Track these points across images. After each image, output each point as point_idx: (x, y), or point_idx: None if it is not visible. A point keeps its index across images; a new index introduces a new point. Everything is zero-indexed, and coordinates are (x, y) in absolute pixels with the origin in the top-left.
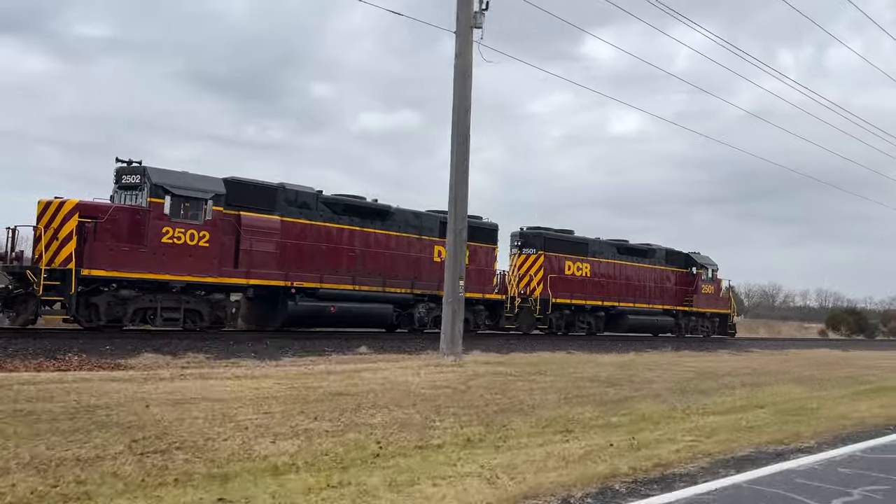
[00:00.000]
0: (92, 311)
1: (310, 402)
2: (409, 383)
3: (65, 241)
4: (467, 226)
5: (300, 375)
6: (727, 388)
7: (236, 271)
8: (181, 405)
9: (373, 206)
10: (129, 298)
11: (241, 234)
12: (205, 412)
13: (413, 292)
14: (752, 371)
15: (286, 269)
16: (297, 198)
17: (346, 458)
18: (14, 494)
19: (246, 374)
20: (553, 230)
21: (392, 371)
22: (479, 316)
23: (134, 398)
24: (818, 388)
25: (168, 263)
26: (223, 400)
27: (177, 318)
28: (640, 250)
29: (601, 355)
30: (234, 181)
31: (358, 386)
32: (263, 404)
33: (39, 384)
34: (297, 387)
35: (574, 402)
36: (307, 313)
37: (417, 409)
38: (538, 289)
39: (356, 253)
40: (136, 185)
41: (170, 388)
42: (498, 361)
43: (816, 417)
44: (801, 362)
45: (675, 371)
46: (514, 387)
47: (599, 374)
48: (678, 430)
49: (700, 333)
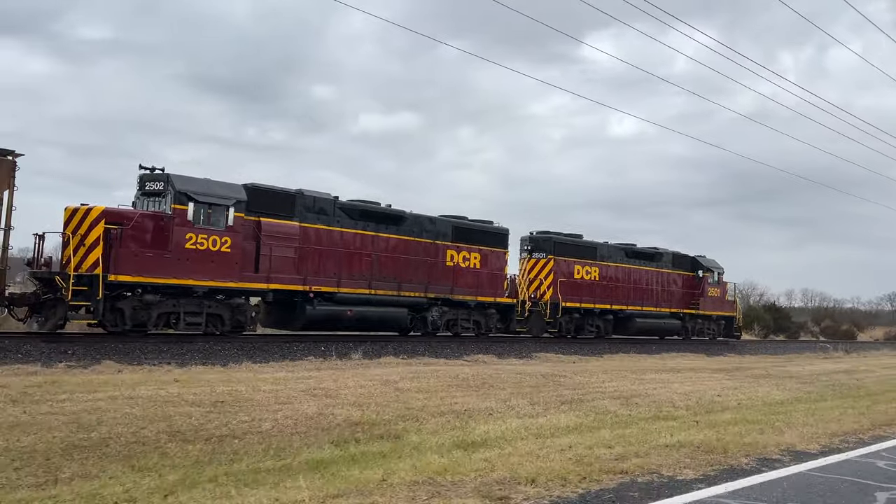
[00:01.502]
0: (117, 316)
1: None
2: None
3: (92, 247)
4: (479, 230)
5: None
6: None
7: (257, 276)
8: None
9: (388, 212)
10: (153, 303)
11: (262, 240)
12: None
13: (427, 296)
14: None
15: (304, 274)
16: (315, 204)
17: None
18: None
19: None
20: (562, 234)
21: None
22: (491, 319)
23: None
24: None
25: (191, 269)
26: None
27: (199, 323)
28: (647, 254)
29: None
30: (255, 188)
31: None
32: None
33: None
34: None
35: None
36: (325, 317)
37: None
38: (548, 292)
39: (372, 257)
40: (160, 191)
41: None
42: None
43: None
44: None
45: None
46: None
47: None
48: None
49: (706, 336)
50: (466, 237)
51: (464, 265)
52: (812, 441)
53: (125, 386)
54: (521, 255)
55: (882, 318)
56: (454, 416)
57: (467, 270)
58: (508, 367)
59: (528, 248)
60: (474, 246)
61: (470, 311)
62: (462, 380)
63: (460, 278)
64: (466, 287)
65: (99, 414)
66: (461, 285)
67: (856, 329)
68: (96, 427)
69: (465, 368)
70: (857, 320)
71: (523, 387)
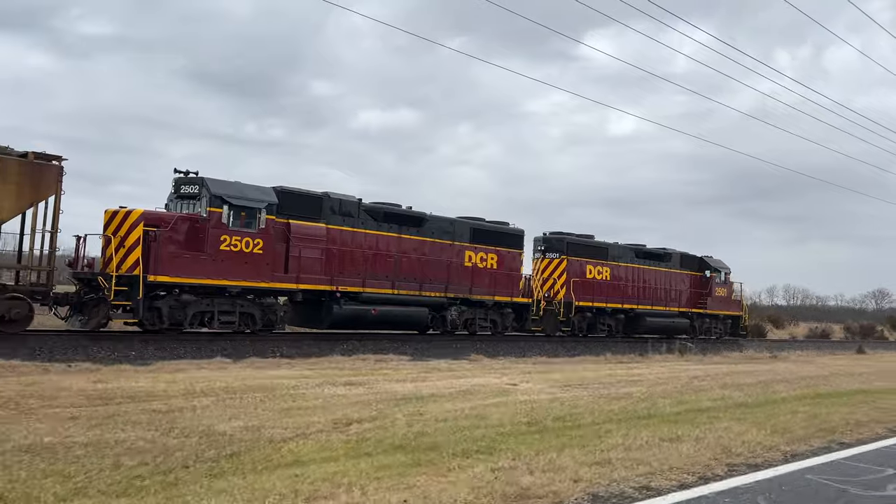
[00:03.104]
0: (154, 315)
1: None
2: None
3: (131, 249)
4: (496, 231)
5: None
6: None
7: (286, 276)
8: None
9: (409, 214)
10: (189, 303)
11: (291, 242)
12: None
13: (447, 295)
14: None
15: (331, 274)
16: (341, 206)
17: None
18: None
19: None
20: (574, 235)
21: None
22: (507, 318)
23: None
24: None
25: (226, 269)
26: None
27: (232, 322)
28: (656, 254)
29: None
30: (284, 190)
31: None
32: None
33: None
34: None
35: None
36: (351, 316)
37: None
38: (561, 291)
39: (394, 258)
40: (195, 195)
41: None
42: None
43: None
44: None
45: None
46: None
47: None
48: None
49: (713, 335)
50: (483, 238)
51: (481, 265)
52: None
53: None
54: (534, 256)
55: (866, 315)
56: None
57: (484, 271)
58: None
59: (542, 249)
60: (491, 247)
61: (487, 310)
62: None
63: (478, 278)
64: (484, 287)
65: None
66: (479, 285)
67: (771, 326)
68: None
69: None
70: (776, 316)
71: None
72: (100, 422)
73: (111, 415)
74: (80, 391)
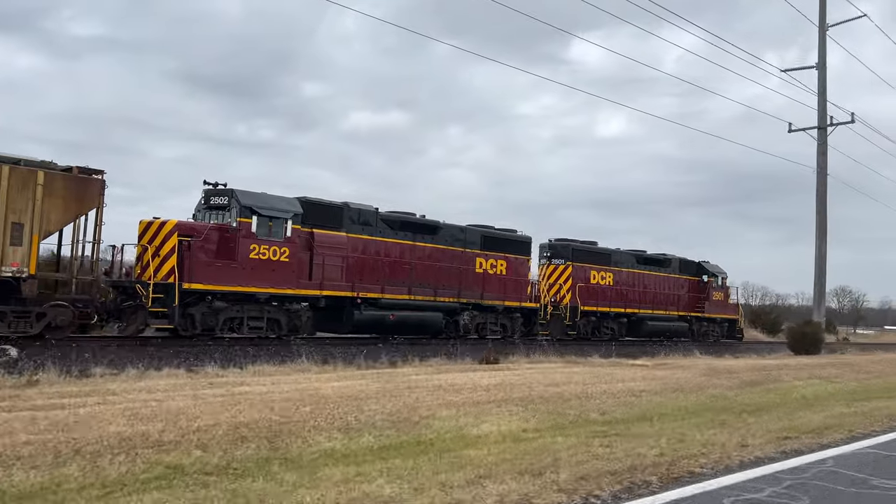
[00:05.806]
0: (188, 321)
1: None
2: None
3: (166, 258)
4: (505, 239)
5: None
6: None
7: (311, 283)
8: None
9: (424, 222)
10: (220, 309)
11: (315, 250)
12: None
13: (460, 301)
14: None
15: (352, 281)
16: (360, 216)
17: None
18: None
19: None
20: (579, 241)
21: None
22: (516, 323)
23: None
24: None
25: (255, 277)
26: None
27: (261, 327)
28: (656, 260)
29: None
30: (307, 201)
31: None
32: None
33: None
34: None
35: None
36: (370, 321)
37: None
38: (567, 297)
39: (410, 265)
40: (224, 205)
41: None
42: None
43: None
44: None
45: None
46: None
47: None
48: None
49: (711, 338)
50: (493, 245)
51: (492, 272)
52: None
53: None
54: (539, 262)
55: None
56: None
57: (495, 277)
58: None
59: (548, 255)
60: (500, 253)
61: (497, 315)
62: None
63: (489, 284)
64: (494, 293)
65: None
66: (490, 291)
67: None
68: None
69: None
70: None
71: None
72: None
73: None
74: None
